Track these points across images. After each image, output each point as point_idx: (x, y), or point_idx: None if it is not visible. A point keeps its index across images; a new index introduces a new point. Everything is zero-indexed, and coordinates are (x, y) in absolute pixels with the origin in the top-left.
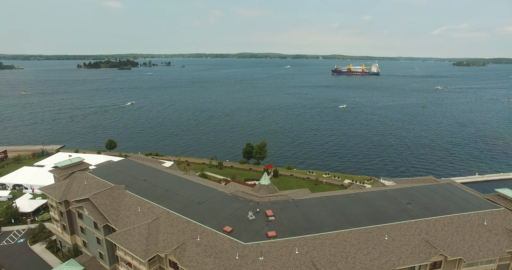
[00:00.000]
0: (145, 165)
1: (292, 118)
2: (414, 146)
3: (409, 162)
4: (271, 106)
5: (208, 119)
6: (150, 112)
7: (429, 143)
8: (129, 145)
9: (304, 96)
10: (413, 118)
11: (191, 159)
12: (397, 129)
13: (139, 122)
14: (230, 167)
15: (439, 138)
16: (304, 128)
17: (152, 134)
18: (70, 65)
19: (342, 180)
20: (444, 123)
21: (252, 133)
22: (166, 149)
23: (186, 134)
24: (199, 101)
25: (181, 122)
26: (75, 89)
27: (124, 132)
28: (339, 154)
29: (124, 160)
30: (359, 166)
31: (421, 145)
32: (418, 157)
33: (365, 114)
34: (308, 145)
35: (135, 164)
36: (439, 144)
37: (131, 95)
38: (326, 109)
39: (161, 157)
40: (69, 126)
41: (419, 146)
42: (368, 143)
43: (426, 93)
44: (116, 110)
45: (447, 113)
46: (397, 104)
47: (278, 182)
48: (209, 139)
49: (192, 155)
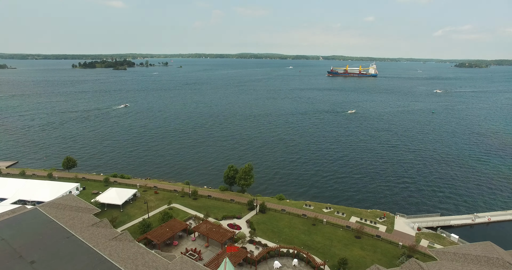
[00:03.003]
0: (56, 223)
1: (286, 128)
2: (434, 164)
3: (430, 189)
4: (266, 113)
5: (193, 129)
6: (131, 121)
7: (453, 160)
8: (93, 163)
9: (301, 100)
10: (423, 127)
11: (162, 184)
12: (411, 141)
13: (115, 133)
14: (207, 196)
15: (462, 154)
16: (301, 143)
17: (126, 148)
18: (65, 64)
19: (347, 218)
20: (458, 132)
21: (239, 149)
22: (137, 169)
23: (165, 150)
24: (188, 107)
25: (161, 134)
26: (61, 90)
27: (96, 145)
28: (342, 178)
29: (28, 213)
30: (368, 195)
31: (444, 162)
32: (441, 181)
33: (370, 124)
34: (304, 167)
35: (40, 222)
36: (467, 162)
37: (118, 98)
38: (326, 116)
39: (127, 179)
40: (34, 137)
41: (441, 164)
42: (377, 164)
43: (434, 97)
44: (98, 116)
45: (461, 121)
46: (403, 110)
47: (265, 221)
48: (189, 157)
49: (166, 176)
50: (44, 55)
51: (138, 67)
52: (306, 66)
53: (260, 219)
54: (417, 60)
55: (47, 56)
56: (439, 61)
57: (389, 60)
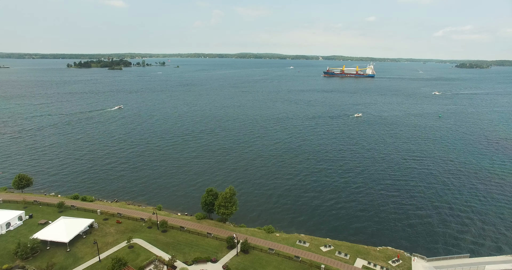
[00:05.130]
0: None
1: (284, 137)
2: (460, 185)
3: (456, 219)
4: (261, 118)
5: (180, 138)
6: (115, 127)
7: (484, 179)
8: (55, 180)
9: (300, 103)
10: (433, 134)
11: (129, 209)
12: (423, 153)
13: (91, 142)
14: (179, 228)
15: (493, 169)
16: (299, 154)
17: (99, 161)
18: (60, 64)
19: (352, 261)
20: (481, 142)
21: (228, 163)
22: (105, 188)
23: (144, 163)
24: (179, 111)
25: (144, 144)
26: (48, 92)
27: (65, 158)
28: (347, 203)
29: None
30: (377, 228)
31: (474, 182)
32: (472, 208)
33: (377, 130)
34: (302, 188)
35: None
36: (505, 180)
37: (105, 101)
38: (328, 121)
39: (89, 202)
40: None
41: (470, 183)
42: (388, 183)
43: (439, 99)
44: (81, 121)
45: (476, 126)
46: (408, 114)
47: (247, 267)
48: (170, 173)
49: (137, 198)
50: (41, 54)
51: (135, 67)
52: (305, 66)
53: (241, 263)
54: (417, 60)
55: (44, 56)
56: (439, 62)
57: (389, 60)
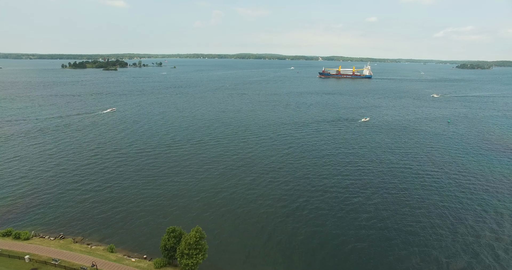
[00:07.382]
0: None
1: (281, 148)
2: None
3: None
4: (256, 127)
5: (163, 150)
6: (92, 138)
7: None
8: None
9: (301, 107)
10: (443, 144)
11: (70, 252)
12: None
13: (54, 157)
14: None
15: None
16: (299, 177)
17: (55, 182)
18: (56, 64)
19: None
20: (490, 149)
21: (209, 184)
22: (50, 220)
23: (109, 185)
24: (167, 116)
25: (116, 161)
26: (33, 94)
27: (15, 178)
28: (355, 247)
29: None
30: None
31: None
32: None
33: (387, 139)
34: (296, 224)
35: None
36: None
37: (91, 104)
38: (330, 128)
39: (23, 241)
40: None
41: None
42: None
43: (445, 103)
44: (57, 129)
45: (482, 133)
46: (415, 118)
47: None
48: (138, 199)
49: (89, 233)
50: (39, 55)
51: (131, 68)
52: (305, 66)
53: None
54: (417, 61)
55: (42, 56)
56: (439, 62)
57: (389, 61)
